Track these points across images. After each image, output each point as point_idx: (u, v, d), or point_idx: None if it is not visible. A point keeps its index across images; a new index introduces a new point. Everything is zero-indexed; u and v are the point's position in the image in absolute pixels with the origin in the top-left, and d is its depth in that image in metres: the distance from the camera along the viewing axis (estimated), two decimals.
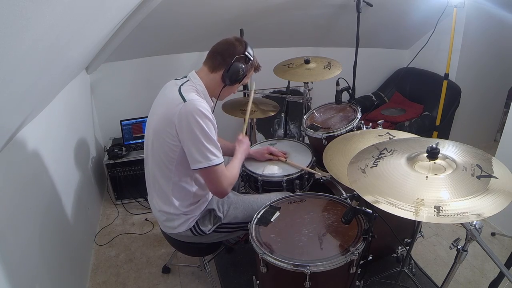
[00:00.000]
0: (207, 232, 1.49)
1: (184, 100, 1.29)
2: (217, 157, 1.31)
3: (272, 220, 1.36)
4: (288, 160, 1.84)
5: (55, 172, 1.76)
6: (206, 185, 1.43)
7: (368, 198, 0.98)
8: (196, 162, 1.29)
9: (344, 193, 1.72)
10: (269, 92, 2.60)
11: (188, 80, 1.41)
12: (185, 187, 1.42)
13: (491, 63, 2.98)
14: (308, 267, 1.12)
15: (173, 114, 1.28)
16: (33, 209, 1.46)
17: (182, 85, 1.37)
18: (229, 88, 1.45)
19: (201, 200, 1.50)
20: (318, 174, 1.78)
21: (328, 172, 1.46)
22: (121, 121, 2.68)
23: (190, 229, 1.47)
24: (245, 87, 2.56)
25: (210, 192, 1.52)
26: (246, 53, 1.39)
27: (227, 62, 1.38)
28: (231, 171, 1.44)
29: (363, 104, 3.21)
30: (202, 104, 1.30)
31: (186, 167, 1.35)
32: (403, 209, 0.92)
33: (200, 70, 1.44)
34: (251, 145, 2.09)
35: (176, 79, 1.45)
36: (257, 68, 1.51)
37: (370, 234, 1.18)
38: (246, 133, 1.77)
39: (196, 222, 1.48)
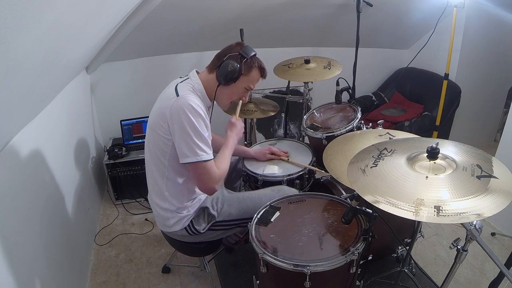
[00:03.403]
0: (202, 231, 1.49)
1: (177, 95, 1.31)
2: (206, 153, 1.32)
3: (272, 220, 1.36)
4: (290, 159, 1.84)
5: (55, 172, 1.76)
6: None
7: (368, 198, 0.98)
8: (184, 156, 1.30)
9: (344, 193, 1.72)
10: (269, 92, 2.60)
11: (188, 78, 1.43)
12: (178, 182, 1.43)
13: (491, 63, 2.98)
14: (308, 267, 1.12)
15: (166, 108, 1.30)
16: (33, 209, 1.46)
17: (180, 82, 1.40)
18: (225, 89, 1.42)
19: (196, 199, 1.50)
20: (321, 171, 1.78)
21: (328, 172, 1.46)
22: (121, 121, 2.68)
23: (185, 228, 1.48)
24: None
25: None
26: (240, 51, 1.38)
27: (220, 62, 1.39)
28: (220, 166, 1.41)
29: (363, 104, 3.21)
30: (194, 100, 1.31)
31: (179, 162, 1.35)
32: (403, 209, 0.92)
33: (202, 72, 1.47)
34: (251, 144, 2.10)
35: (180, 77, 1.48)
36: (262, 71, 1.46)
37: (370, 234, 1.18)
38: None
39: (191, 222, 1.49)
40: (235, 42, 1.45)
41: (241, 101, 1.64)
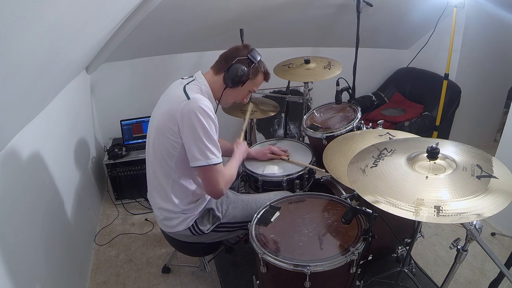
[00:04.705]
0: (206, 232, 1.49)
1: (188, 98, 1.30)
2: (216, 157, 1.32)
3: (272, 220, 1.36)
4: (290, 159, 1.84)
5: (55, 172, 1.76)
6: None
7: (368, 198, 0.98)
8: (195, 159, 1.30)
9: (344, 193, 1.72)
10: (269, 92, 2.60)
11: (194, 79, 1.43)
12: (184, 184, 1.43)
13: (491, 63, 2.97)
14: (308, 267, 1.12)
15: (176, 111, 1.29)
16: (33, 209, 1.46)
17: (187, 84, 1.39)
18: (231, 91, 1.44)
19: (200, 199, 1.50)
20: (321, 171, 1.78)
21: (328, 172, 1.46)
22: (121, 121, 2.68)
23: (189, 228, 1.48)
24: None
25: None
26: (249, 55, 1.40)
27: (228, 64, 1.39)
28: (229, 172, 1.44)
29: (363, 104, 3.21)
30: (206, 103, 1.30)
31: (186, 165, 1.35)
32: (403, 209, 0.92)
33: (207, 73, 1.46)
34: (251, 145, 2.10)
35: (182, 78, 1.47)
36: (266, 75, 1.49)
37: (370, 234, 1.18)
38: (245, 139, 1.81)
39: (195, 222, 1.48)
40: (241, 44, 1.46)
41: (245, 128, 1.81)
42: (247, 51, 1.41)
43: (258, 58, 1.42)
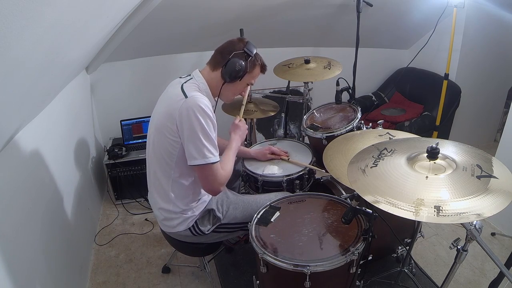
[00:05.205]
0: (206, 232, 1.49)
1: (186, 96, 1.30)
2: (213, 156, 1.32)
3: (272, 220, 1.36)
4: (290, 159, 1.84)
5: (55, 172, 1.76)
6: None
7: (368, 198, 0.98)
8: (192, 158, 1.30)
9: (344, 193, 1.72)
10: (269, 92, 2.60)
11: (191, 78, 1.42)
12: (184, 184, 1.43)
13: (491, 63, 2.98)
14: (308, 267, 1.12)
15: (174, 110, 1.29)
16: (33, 209, 1.46)
17: (185, 82, 1.39)
18: (230, 86, 1.43)
19: (201, 200, 1.50)
20: (321, 170, 1.78)
21: (328, 172, 1.46)
22: (121, 121, 2.68)
23: (189, 228, 1.48)
24: None
25: None
26: (245, 49, 1.39)
27: (225, 59, 1.39)
28: (225, 168, 1.42)
29: (363, 104, 3.21)
30: (203, 101, 1.30)
31: (186, 164, 1.35)
32: (403, 209, 0.92)
33: (204, 69, 1.46)
34: (251, 145, 2.10)
35: (180, 77, 1.47)
36: (263, 67, 1.48)
37: (370, 234, 1.18)
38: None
39: (195, 222, 1.48)
40: (236, 37, 1.44)
41: (244, 103, 1.67)
42: (243, 45, 1.40)
43: (254, 51, 1.42)
